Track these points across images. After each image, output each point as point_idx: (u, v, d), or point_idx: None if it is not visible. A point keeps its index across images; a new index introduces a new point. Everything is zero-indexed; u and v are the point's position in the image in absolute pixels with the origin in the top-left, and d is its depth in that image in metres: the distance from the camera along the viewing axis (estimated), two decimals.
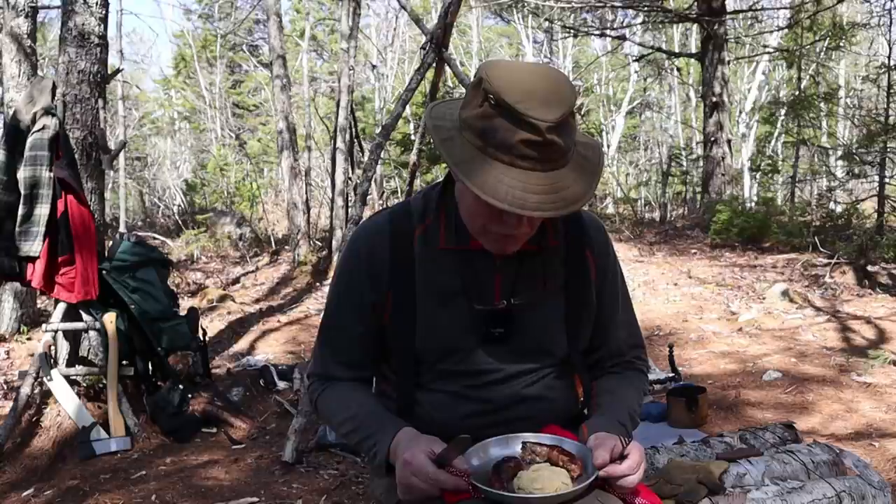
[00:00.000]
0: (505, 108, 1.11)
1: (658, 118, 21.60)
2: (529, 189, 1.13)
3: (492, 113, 1.13)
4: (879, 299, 6.00)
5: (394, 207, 1.45)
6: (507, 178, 1.13)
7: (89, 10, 3.99)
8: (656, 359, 4.73)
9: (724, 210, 9.21)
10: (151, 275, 4.01)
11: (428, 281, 1.36)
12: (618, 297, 1.48)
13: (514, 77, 1.14)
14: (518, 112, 1.10)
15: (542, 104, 1.11)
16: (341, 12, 9.11)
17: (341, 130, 8.60)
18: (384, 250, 1.37)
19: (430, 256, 1.36)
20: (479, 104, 1.15)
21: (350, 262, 1.42)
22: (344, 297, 1.42)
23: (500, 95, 1.11)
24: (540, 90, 1.13)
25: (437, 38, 3.83)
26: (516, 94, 1.11)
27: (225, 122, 21.38)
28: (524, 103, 1.11)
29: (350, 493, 2.98)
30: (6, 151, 3.49)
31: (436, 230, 1.36)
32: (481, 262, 1.35)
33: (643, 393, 1.51)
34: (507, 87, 1.12)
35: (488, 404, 1.38)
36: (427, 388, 1.40)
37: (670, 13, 12.13)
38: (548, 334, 1.40)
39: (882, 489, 1.70)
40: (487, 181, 1.13)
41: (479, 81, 1.16)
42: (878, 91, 10.34)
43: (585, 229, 1.43)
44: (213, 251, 11.08)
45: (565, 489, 1.19)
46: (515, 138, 1.12)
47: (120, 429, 3.56)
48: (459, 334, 1.36)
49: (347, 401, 1.40)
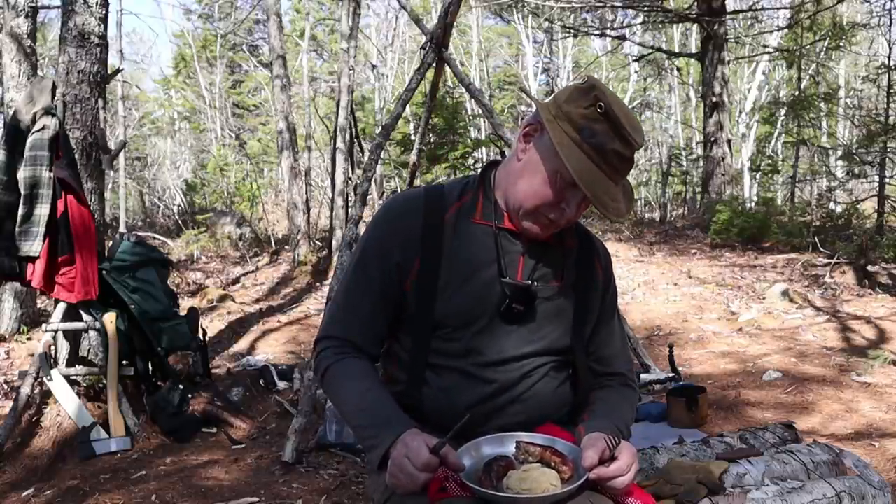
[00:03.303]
0: (611, 119, 1.30)
1: (658, 118, 21.60)
2: (607, 191, 1.32)
3: (597, 117, 1.30)
4: (879, 299, 6.00)
5: (427, 186, 1.55)
6: (595, 173, 1.31)
7: (89, 10, 3.99)
8: (656, 359, 4.73)
9: (724, 210, 9.21)
10: (151, 275, 4.01)
11: (458, 249, 1.42)
12: (614, 317, 1.58)
13: (618, 100, 1.33)
14: (621, 126, 1.30)
15: (634, 129, 1.32)
16: (341, 12, 9.11)
17: (341, 130, 8.60)
18: (417, 215, 1.44)
19: (463, 228, 1.44)
20: (585, 106, 1.31)
21: (379, 228, 1.47)
22: (371, 260, 1.45)
23: (610, 107, 1.29)
24: (631, 118, 1.33)
25: (437, 38, 3.84)
26: (620, 113, 1.30)
27: (225, 122, 21.38)
28: (626, 122, 1.30)
29: (350, 493, 2.98)
30: (6, 151, 3.49)
31: (472, 206, 1.46)
32: (510, 242, 1.44)
33: (634, 407, 1.58)
34: (615, 105, 1.31)
35: (493, 385, 1.41)
36: (437, 366, 1.43)
37: (670, 13, 12.13)
38: (556, 324, 1.46)
39: (882, 489, 1.70)
40: (581, 169, 1.29)
41: (591, 87, 1.33)
42: (878, 91, 10.36)
43: (595, 245, 1.56)
44: (213, 251, 11.08)
45: (554, 490, 1.19)
46: (611, 145, 1.30)
47: (120, 429, 3.56)
48: (481, 305, 1.41)
49: (359, 385, 1.39)
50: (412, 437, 1.26)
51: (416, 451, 1.23)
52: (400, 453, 1.24)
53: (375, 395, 1.38)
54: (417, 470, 1.21)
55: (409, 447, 1.24)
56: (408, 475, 1.22)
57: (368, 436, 1.33)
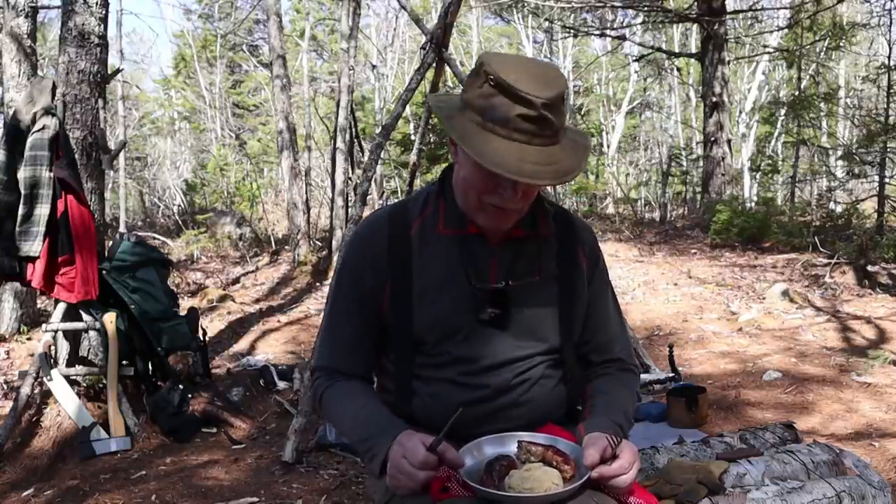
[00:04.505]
0: (503, 86, 1.21)
1: (658, 118, 21.60)
2: (525, 159, 1.21)
3: (491, 92, 1.22)
4: (879, 299, 6.00)
5: (392, 204, 1.53)
6: (503, 149, 1.21)
7: (89, 10, 3.99)
8: (656, 359, 4.73)
9: (724, 210, 9.21)
10: (151, 275, 4.01)
11: (426, 264, 1.41)
12: (607, 297, 1.54)
13: (511, 61, 1.25)
14: (516, 89, 1.20)
15: (536, 83, 1.21)
16: (341, 12, 9.11)
17: (341, 130, 8.60)
18: (382, 238, 1.43)
19: (429, 241, 1.42)
20: (479, 85, 1.25)
21: (350, 253, 1.49)
22: (346, 288, 1.47)
23: (499, 75, 1.21)
24: (534, 73, 1.24)
25: (437, 38, 3.83)
26: (513, 75, 1.21)
27: (225, 122, 21.38)
28: (521, 82, 1.20)
29: (350, 493, 2.98)
30: (6, 151, 3.49)
31: (435, 217, 1.43)
32: (478, 247, 1.40)
33: (636, 394, 1.54)
34: (506, 69, 1.22)
35: (484, 390, 1.40)
36: (424, 377, 1.43)
37: (670, 13, 12.13)
38: (542, 321, 1.43)
39: (882, 489, 1.70)
40: (486, 151, 1.21)
41: (479, 66, 1.26)
42: (878, 91, 10.36)
43: (576, 229, 1.50)
44: (213, 251, 11.08)
45: (556, 489, 1.20)
46: (513, 112, 1.21)
47: (120, 429, 3.56)
48: (457, 315, 1.39)
49: (351, 402, 1.42)
50: (407, 438, 1.26)
51: (413, 450, 1.23)
52: (397, 454, 1.24)
53: (370, 408, 1.39)
54: (416, 469, 1.21)
55: (405, 447, 1.24)
56: (407, 475, 1.22)
57: (367, 448, 1.34)
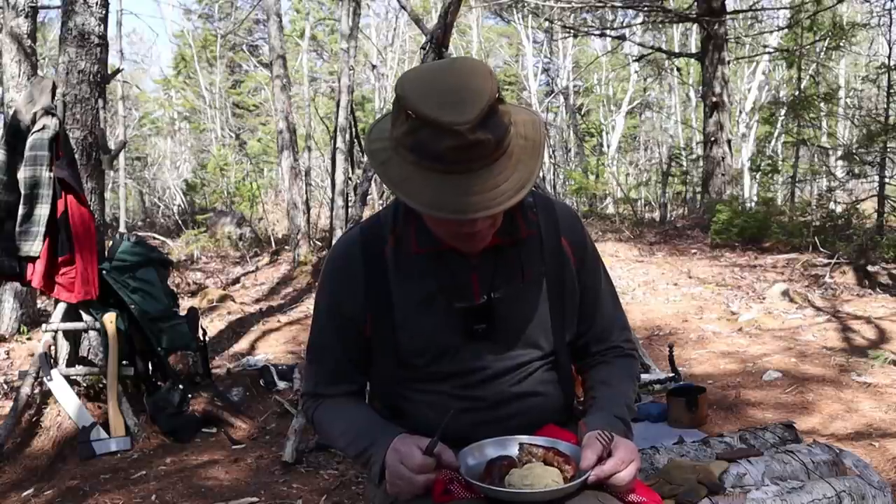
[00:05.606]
0: (424, 120, 1.12)
1: (658, 118, 21.61)
2: (469, 192, 1.14)
3: (416, 126, 1.13)
4: (879, 299, 6.00)
5: (364, 221, 1.47)
6: (445, 187, 1.14)
7: (89, 10, 3.99)
8: (656, 359, 4.73)
9: (724, 210, 9.21)
10: (151, 275, 4.01)
11: (405, 288, 1.36)
12: (600, 282, 1.48)
13: (425, 86, 1.14)
14: (438, 122, 1.10)
15: (457, 107, 1.11)
16: (341, 12, 9.11)
17: (341, 130, 8.60)
18: (357, 264, 1.38)
19: (405, 263, 1.36)
20: (404, 120, 1.16)
21: (327, 281, 1.45)
22: (325, 316, 1.45)
23: (416, 109, 1.12)
24: (452, 92, 1.13)
25: (437, 38, 3.83)
26: (430, 103, 1.11)
27: (225, 122, 21.40)
28: (440, 110, 1.11)
29: (350, 493, 2.98)
30: (6, 151, 3.49)
31: (407, 236, 1.36)
32: (456, 262, 1.35)
33: (636, 378, 1.51)
34: (421, 98, 1.13)
35: (481, 402, 1.38)
36: (418, 390, 1.40)
37: (670, 13, 12.14)
38: (532, 326, 1.39)
39: (882, 489, 1.70)
40: (425, 193, 1.15)
41: (397, 99, 1.17)
42: (878, 91, 10.36)
43: (558, 218, 1.43)
44: (213, 251, 11.09)
45: (555, 486, 1.20)
46: (442, 146, 1.12)
47: (120, 429, 3.56)
48: (443, 335, 1.36)
49: (341, 416, 1.42)
50: (402, 443, 1.25)
51: (409, 454, 1.22)
52: (394, 460, 1.23)
53: (362, 420, 1.39)
54: (413, 473, 1.21)
55: (401, 452, 1.23)
56: (405, 480, 1.22)
57: (365, 458, 1.33)
